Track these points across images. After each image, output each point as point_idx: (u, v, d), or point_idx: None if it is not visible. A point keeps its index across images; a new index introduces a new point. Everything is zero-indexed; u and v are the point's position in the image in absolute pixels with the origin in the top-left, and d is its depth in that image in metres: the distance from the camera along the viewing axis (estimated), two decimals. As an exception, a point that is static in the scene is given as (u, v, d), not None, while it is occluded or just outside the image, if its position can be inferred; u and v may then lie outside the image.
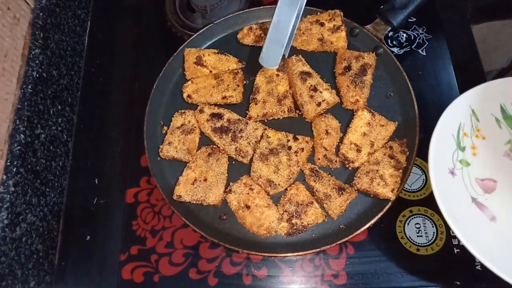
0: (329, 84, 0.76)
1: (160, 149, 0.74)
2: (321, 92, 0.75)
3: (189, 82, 0.80)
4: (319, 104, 0.73)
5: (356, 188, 0.69)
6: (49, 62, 0.77)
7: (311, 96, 0.74)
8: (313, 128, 0.75)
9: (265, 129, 0.75)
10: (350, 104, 0.75)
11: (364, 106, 0.74)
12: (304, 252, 0.66)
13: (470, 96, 0.60)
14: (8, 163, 0.64)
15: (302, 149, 0.72)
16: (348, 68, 0.76)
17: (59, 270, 0.72)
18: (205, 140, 0.76)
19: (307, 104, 0.74)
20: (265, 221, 0.67)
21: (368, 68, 0.76)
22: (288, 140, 0.73)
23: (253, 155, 0.73)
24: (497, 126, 0.60)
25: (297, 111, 0.77)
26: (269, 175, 0.70)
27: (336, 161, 0.72)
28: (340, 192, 0.68)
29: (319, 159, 0.72)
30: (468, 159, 0.58)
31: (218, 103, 0.78)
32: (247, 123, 0.75)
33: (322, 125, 0.73)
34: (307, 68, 0.77)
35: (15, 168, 0.65)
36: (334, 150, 0.72)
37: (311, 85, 0.75)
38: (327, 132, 0.72)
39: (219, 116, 0.75)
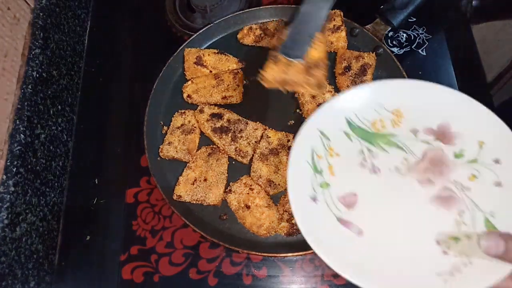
0: (332, 86, 0.76)
1: (160, 149, 0.74)
2: (323, 93, 0.74)
3: (189, 82, 0.80)
4: (320, 105, 0.73)
5: None
6: (49, 62, 0.77)
7: (313, 97, 0.74)
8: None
9: (265, 129, 0.75)
10: None
11: None
12: (304, 252, 0.66)
13: (314, 119, 0.61)
14: (8, 163, 0.64)
15: (302, 149, 0.72)
16: (348, 68, 0.76)
17: (59, 270, 0.72)
18: (205, 140, 0.76)
19: (308, 104, 0.74)
20: (265, 221, 0.67)
21: (368, 68, 0.76)
22: (288, 140, 0.73)
23: (253, 155, 0.73)
24: (348, 140, 0.61)
25: (298, 110, 0.77)
26: (269, 175, 0.70)
27: None
28: None
29: None
30: (327, 180, 0.59)
31: (218, 103, 0.78)
32: (247, 123, 0.75)
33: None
34: None
35: (15, 168, 0.65)
36: None
37: None
38: None
39: (219, 116, 0.75)
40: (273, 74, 0.64)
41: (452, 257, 0.52)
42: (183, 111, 0.78)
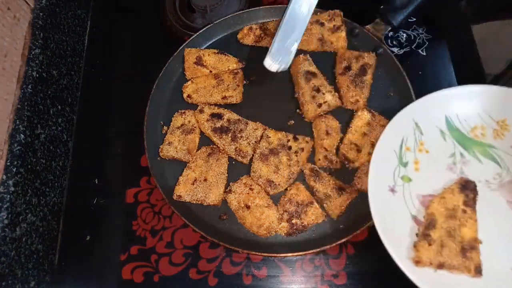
0: (332, 87, 0.76)
1: (160, 149, 0.74)
2: (323, 93, 0.74)
3: (189, 82, 0.80)
4: (319, 105, 0.73)
5: (356, 188, 0.69)
6: (49, 62, 0.77)
7: (313, 97, 0.74)
8: (313, 129, 0.75)
9: (265, 129, 0.75)
10: (350, 104, 0.75)
11: (364, 106, 0.74)
12: (304, 252, 0.66)
13: (413, 108, 0.59)
14: (8, 163, 0.64)
15: (302, 149, 0.72)
16: (348, 68, 0.76)
17: (59, 270, 0.72)
18: (205, 140, 0.76)
19: (307, 104, 0.74)
20: (265, 221, 0.67)
21: (368, 68, 0.76)
22: (288, 140, 0.73)
23: (253, 155, 0.73)
24: (442, 139, 0.59)
25: (298, 110, 0.77)
26: (269, 175, 0.70)
27: (336, 162, 0.72)
28: (340, 192, 0.68)
29: (319, 159, 0.72)
30: (409, 175, 0.57)
31: (218, 103, 0.78)
32: (247, 123, 0.75)
33: (322, 126, 0.73)
34: (313, 68, 0.77)
35: (15, 168, 0.64)
36: (335, 150, 0.72)
37: (315, 86, 0.75)
38: (327, 133, 0.72)
39: (219, 116, 0.75)
40: (428, 256, 0.56)
41: None
42: (183, 111, 0.78)
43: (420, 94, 0.74)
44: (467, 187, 0.56)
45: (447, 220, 0.55)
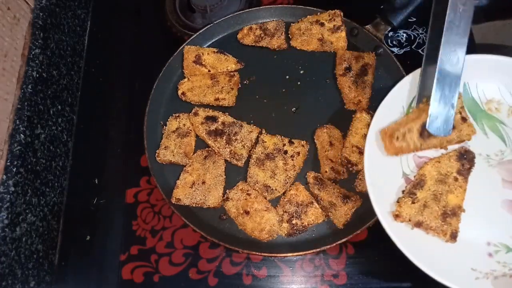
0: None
1: (156, 154, 0.74)
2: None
3: (185, 80, 0.80)
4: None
5: (358, 190, 0.69)
6: (49, 62, 0.77)
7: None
8: (315, 141, 0.74)
9: (260, 131, 0.75)
10: (352, 105, 0.75)
11: (367, 106, 0.74)
12: (304, 252, 0.66)
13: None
14: (8, 163, 0.64)
15: (298, 153, 0.71)
16: (348, 69, 0.76)
17: (59, 270, 0.72)
18: (201, 144, 0.76)
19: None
20: (266, 224, 0.67)
21: (368, 68, 0.76)
22: (284, 145, 0.72)
23: (248, 158, 0.73)
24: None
25: (293, 109, 0.77)
26: (265, 180, 0.70)
27: (344, 172, 0.71)
28: (345, 200, 0.67)
29: (326, 171, 0.71)
30: None
31: (211, 104, 0.78)
32: (241, 126, 0.75)
33: (325, 137, 0.72)
34: None
35: (15, 168, 0.65)
36: (340, 161, 0.71)
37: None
38: (331, 144, 0.72)
39: (213, 119, 0.75)
40: (408, 213, 0.56)
41: (494, 262, 0.51)
42: (177, 114, 0.77)
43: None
44: (466, 157, 0.55)
45: (437, 184, 0.55)
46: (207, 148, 0.75)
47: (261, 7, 0.85)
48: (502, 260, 0.51)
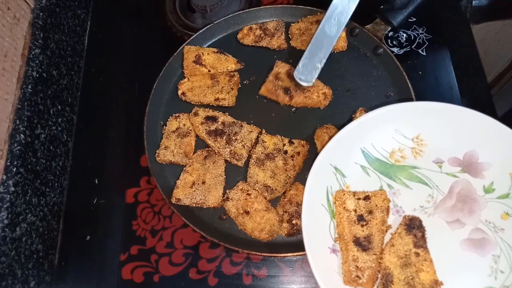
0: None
1: (156, 154, 0.74)
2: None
3: (185, 80, 0.80)
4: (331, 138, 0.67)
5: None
6: (49, 62, 0.77)
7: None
8: (315, 141, 0.73)
9: (260, 131, 0.75)
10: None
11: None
12: (304, 252, 0.65)
13: (327, 153, 0.54)
14: (8, 163, 0.64)
15: (298, 153, 0.71)
16: None
17: (59, 270, 0.72)
18: (201, 144, 0.76)
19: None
20: (266, 224, 0.67)
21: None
22: (284, 145, 0.72)
23: (247, 158, 0.73)
24: (366, 174, 0.55)
25: (293, 109, 0.77)
26: (265, 180, 0.70)
27: None
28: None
29: None
30: None
31: (210, 104, 0.78)
32: (241, 126, 0.75)
33: (325, 137, 0.72)
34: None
35: (15, 168, 0.65)
36: None
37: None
38: None
39: (213, 119, 0.75)
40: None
41: None
42: (177, 114, 0.77)
43: (420, 94, 0.74)
44: (413, 225, 0.52)
45: (403, 270, 0.51)
46: (207, 148, 0.75)
47: (261, 7, 0.85)
48: None
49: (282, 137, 0.73)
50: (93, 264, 0.72)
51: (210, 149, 0.74)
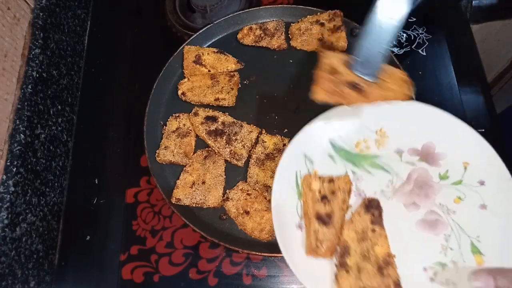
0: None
1: (156, 154, 0.74)
2: None
3: (185, 80, 0.80)
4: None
5: None
6: (49, 62, 0.77)
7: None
8: None
9: (260, 131, 0.75)
10: None
11: None
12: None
13: (298, 142, 0.59)
14: (8, 163, 0.64)
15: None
16: None
17: (59, 270, 0.72)
18: (201, 144, 0.76)
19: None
20: (266, 224, 0.67)
21: None
22: (284, 145, 0.72)
23: (247, 158, 0.73)
24: (332, 162, 0.60)
25: (295, 109, 0.77)
26: (265, 180, 0.70)
27: None
28: None
29: None
30: None
31: (211, 104, 0.78)
32: (241, 126, 0.75)
33: None
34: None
35: (15, 168, 0.65)
36: None
37: None
38: None
39: (213, 119, 0.75)
40: (348, 285, 0.54)
41: (437, 285, 0.52)
42: (177, 114, 0.77)
43: (420, 94, 0.74)
44: (372, 206, 0.57)
45: (360, 244, 0.55)
46: (207, 148, 0.75)
47: (261, 7, 0.85)
48: (444, 279, 0.52)
49: (282, 137, 0.74)
50: (93, 264, 0.72)
51: (210, 149, 0.74)
